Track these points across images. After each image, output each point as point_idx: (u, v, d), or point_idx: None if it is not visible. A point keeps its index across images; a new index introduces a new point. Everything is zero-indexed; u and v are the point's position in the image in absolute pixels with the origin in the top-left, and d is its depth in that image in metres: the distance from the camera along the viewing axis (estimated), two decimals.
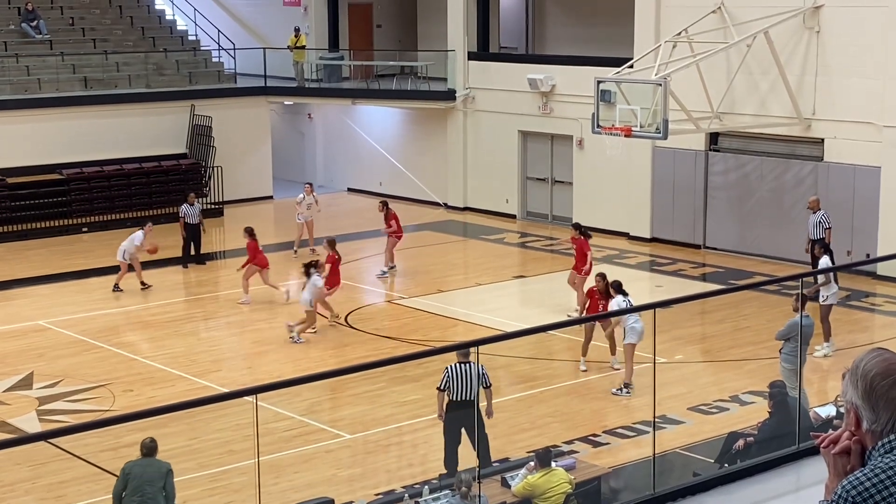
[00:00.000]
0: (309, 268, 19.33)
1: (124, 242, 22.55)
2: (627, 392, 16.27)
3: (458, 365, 13.03)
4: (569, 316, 19.85)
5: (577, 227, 20.89)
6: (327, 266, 20.30)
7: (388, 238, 23.77)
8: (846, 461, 2.91)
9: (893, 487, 2.76)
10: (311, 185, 26.60)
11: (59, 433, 14.03)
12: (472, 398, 13.04)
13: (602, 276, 17.85)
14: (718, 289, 21.56)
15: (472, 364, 13.02)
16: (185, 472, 13.21)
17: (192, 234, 24.57)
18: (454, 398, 13.07)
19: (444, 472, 13.03)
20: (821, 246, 19.54)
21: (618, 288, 17.01)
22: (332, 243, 20.84)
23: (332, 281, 20.28)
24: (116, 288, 22.34)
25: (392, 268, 23.75)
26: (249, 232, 21.81)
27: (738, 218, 24.76)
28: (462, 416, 13.06)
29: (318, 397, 16.06)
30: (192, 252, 24.73)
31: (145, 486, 10.68)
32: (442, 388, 13.10)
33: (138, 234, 22.61)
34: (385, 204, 24.13)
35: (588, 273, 19.92)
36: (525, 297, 21.77)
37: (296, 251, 25.22)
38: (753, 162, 24.74)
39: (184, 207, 24.77)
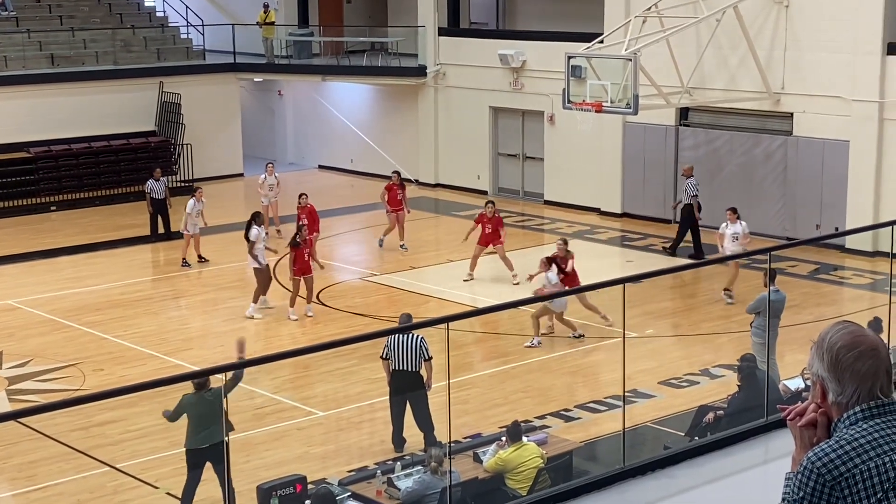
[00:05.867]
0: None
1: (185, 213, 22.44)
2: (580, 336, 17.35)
3: (397, 335, 13.30)
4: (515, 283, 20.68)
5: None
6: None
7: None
8: (812, 433, 2.92)
9: (858, 458, 2.77)
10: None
11: (29, 412, 13.94)
12: (414, 369, 13.30)
13: (563, 241, 18.58)
14: (689, 263, 21.64)
15: (412, 335, 13.18)
16: (156, 451, 13.20)
17: (159, 209, 24.53)
18: (396, 367, 13.36)
19: (408, 446, 13.10)
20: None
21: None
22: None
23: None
24: (184, 263, 22.38)
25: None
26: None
27: (708, 192, 24.78)
28: (405, 387, 13.32)
29: (290, 375, 16.03)
30: (161, 229, 24.63)
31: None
32: (384, 356, 13.44)
33: (190, 202, 22.42)
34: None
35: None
36: (496, 273, 21.78)
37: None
38: (723, 136, 24.80)
39: (149, 183, 24.68)
